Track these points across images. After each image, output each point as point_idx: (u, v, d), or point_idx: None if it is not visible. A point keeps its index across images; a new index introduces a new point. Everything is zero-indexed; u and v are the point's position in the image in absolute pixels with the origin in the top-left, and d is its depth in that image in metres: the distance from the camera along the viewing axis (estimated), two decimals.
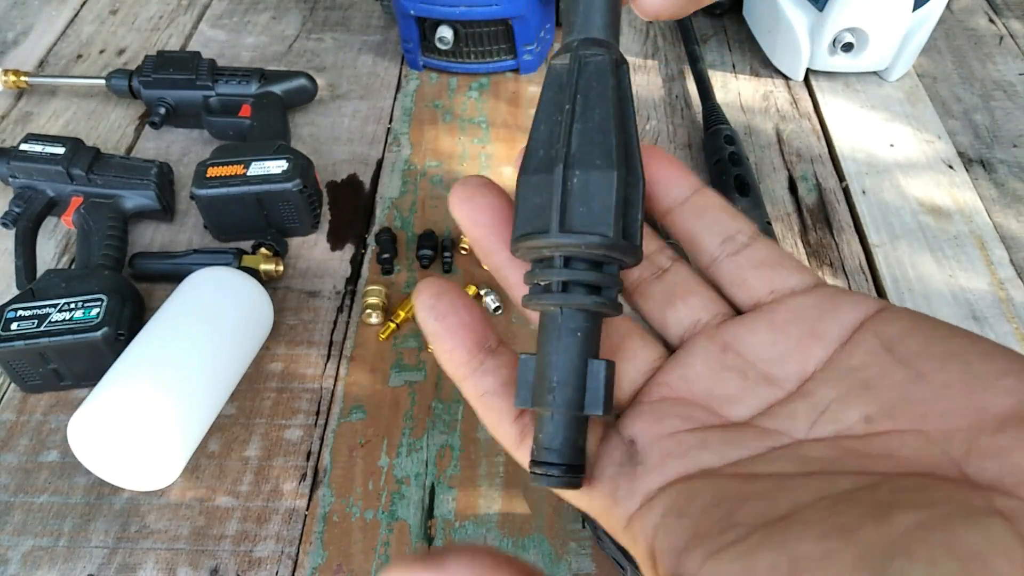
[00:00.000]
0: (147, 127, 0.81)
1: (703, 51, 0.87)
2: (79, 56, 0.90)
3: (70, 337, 0.56)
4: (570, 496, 0.23)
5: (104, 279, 0.61)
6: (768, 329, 0.22)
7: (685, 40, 0.87)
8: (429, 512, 0.54)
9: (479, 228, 0.24)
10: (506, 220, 0.24)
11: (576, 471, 0.21)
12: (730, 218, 0.25)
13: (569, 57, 0.22)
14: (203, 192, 0.66)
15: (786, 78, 0.85)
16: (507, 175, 0.75)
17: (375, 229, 0.71)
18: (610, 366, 0.22)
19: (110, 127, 0.81)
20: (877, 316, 0.21)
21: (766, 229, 0.67)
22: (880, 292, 0.65)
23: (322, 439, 0.57)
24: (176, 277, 0.62)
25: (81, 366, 0.58)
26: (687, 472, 0.20)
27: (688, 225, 0.25)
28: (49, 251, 0.70)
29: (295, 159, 0.67)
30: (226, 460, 0.56)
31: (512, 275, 0.24)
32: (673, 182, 0.25)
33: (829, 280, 0.66)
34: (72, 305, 0.57)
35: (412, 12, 0.79)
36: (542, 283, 0.22)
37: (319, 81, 0.82)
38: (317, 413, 0.59)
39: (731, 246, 0.24)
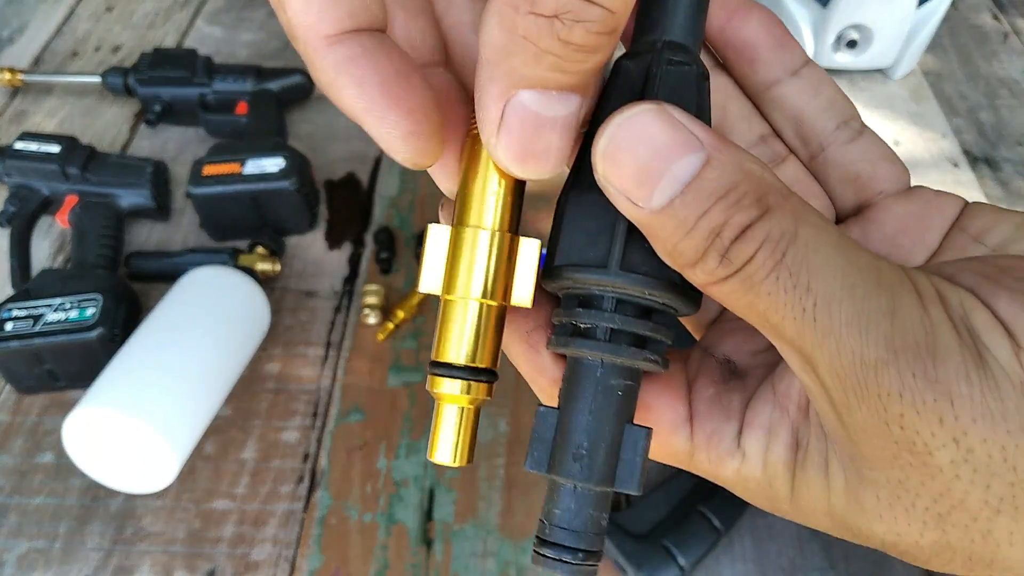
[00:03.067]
0: (143, 125, 0.80)
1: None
2: (74, 54, 0.90)
3: (65, 337, 0.55)
4: (669, 441, 0.20)
5: (99, 279, 0.60)
6: (881, 240, 0.21)
7: None
8: (428, 514, 0.53)
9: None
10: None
11: (594, 558, 0.18)
12: (844, 99, 0.22)
13: (649, 60, 0.18)
14: (199, 191, 0.65)
15: None
16: None
17: (373, 228, 0.71)
18: (649, 434, 0.19)
19: (105, 125, 0.80)
20: (965, 212, 0.20)
21: None
22: None
23: (319, 441, 0.57)
24: (172, 276, 0.61)
25: (76, 367, 0.57)
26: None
27: (799, 102, 0.21)
28: (44, 250, 0.69)
29: (292, 157, 0.67)
30: (222, 462, 0.56)
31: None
32: (782, 48, 0.21)
33: None
34: (67, 305, 0.57)
35: None
36: (582, 326, 0.19)
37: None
38: (315, 415, 0.58)
39: (846, 133, 0.21)
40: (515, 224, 0.19)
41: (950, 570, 0.17)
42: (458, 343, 0.19)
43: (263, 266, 0.65)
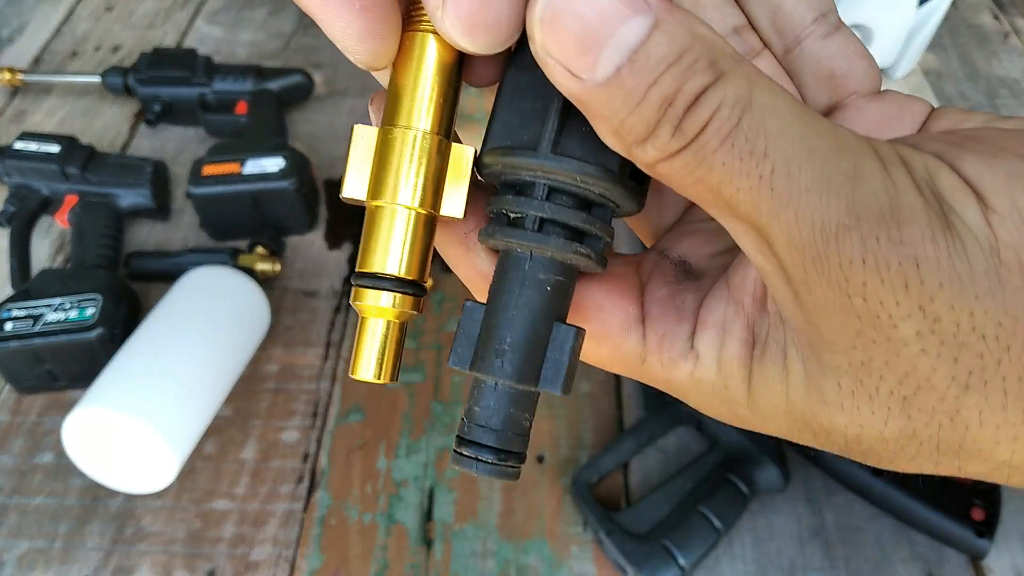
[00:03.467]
0: (143, 125, 0.80)
1: None
2: (74, 53, 0.90)
3: (65, 337, 0.55)
4: (620, 344, 0.19)
5: (99, 278, 0.60)
6: None
7: None
8: (428, 515, 0.53)
9: None
10: None
11: (516, 459, 0.18)
12: None
13: None
14: (199, 191, 0.65)
15: None
16: None
17: None
18: (579, 334, 0.18)
19: (105, 125, 0.80)
20: (932, 115, 0.20)
21: None
22: None
23: (319, 441, 0.57)
24: (172, 276, 0.61)
25: (76, 367, 0.57)
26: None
27: None
28: (44, 250, 0.69)
29: (292, 157, 0.66)
30: (222, 462, 0.56)
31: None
32: None
33: None
34: (67, 305, 0.57)
35: None
36: (512, 214, 0.18)
37: (316, 78, 0.81)
38: (314, 415, 0.58)
39: (823, 27, 0.20)
40: (448, 128, 0.18)
41: (915, 467, 0.17)
42: (384, 252, 0.18)
43: (263, 266, 0.64)
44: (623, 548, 0.48)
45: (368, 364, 0.18)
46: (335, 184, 0.74)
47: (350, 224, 0.71)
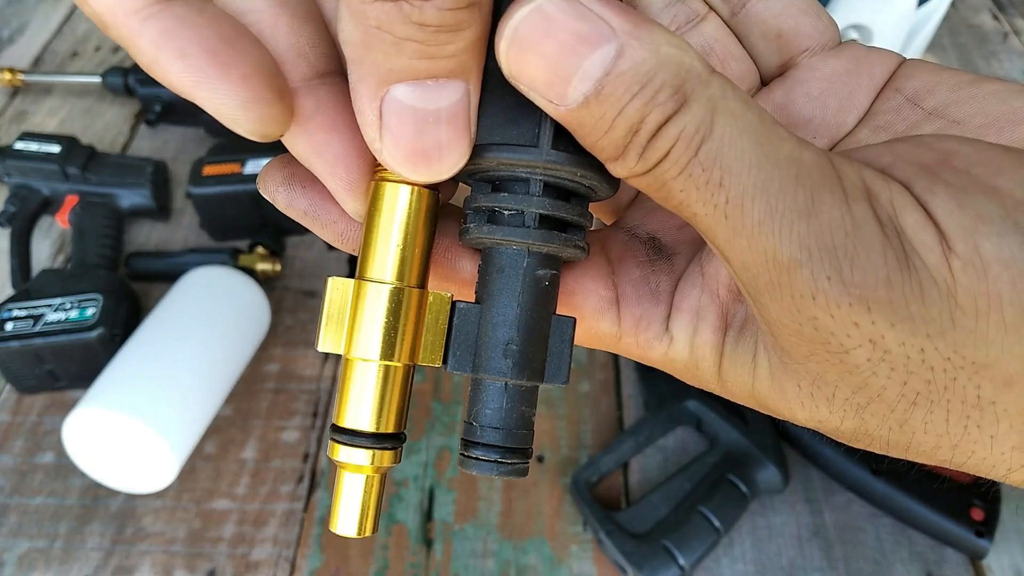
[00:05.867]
0: (143, 125, 0.80)
1: None
2: (74, 54, 0.90)
3: (65, 337, 0.55)
4: (595, 326, 0.19)
5: (100, 278, 0.60)
6: (805, 101, 0.20)
7: None
8: (428, 515, 0.53)
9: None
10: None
11: (525, 455, 0.18)
12: None
13: None
14: (199, 191, 0.65)
15: None
16: None
17: None
18: (574, 324, 0.18)
19: (105, 125, 0.80)
20: (900, 71, 0.19)
21: None
22: None
23: (319, 441, 0.57)
24: (172, 276, 0.61)
25: (76, 366, 0.57)
26: None
27: None
28: (44, 250, 0.69)
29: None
30: (223, 462, 0.56)
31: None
32: None
33: None
34: (67, 305, 0.57)
35: None
36: (507, 212, 0.17)
37: None
38: (315, 415, 0.58)
39: None
40: (425, 276, 0.18)
41: (870, 449, 0.17)
42: (361, 408, 0.17)
43: (263, 266, 0.65)
44: (623, 548, 0.48)
45: (349, 520, 0.17)
46: None
47: None
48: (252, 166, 0.66)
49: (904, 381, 0.15)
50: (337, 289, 0.17)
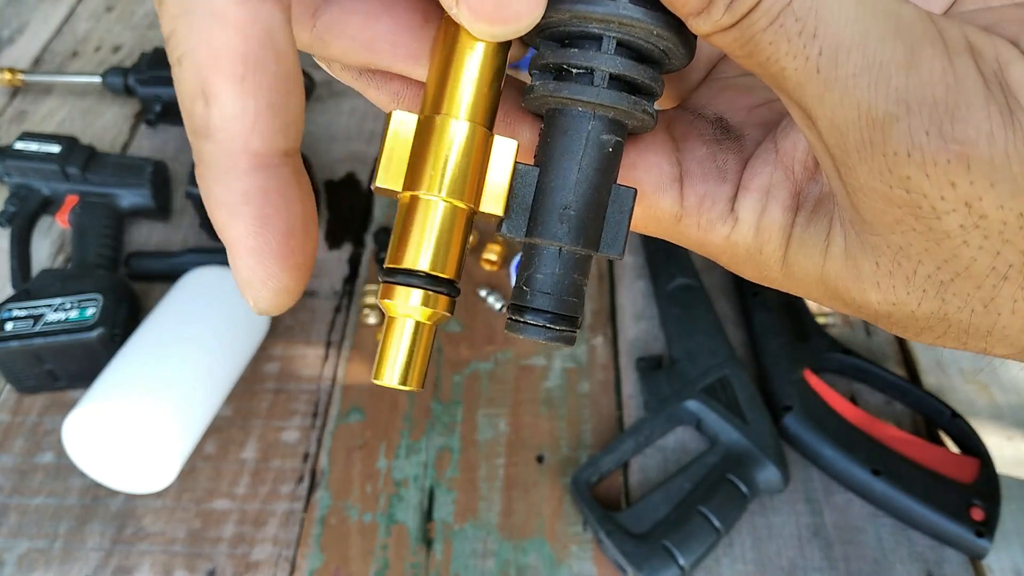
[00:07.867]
0: (143, 125, 0.80)
1: None
2: (74, 54, 0.90)
3: (65, 337, 0.55)
4: (656, 203, 0.18)
5: (100, 279, 0.60)
6: None
7: None
8: (428, 515, 0.53)
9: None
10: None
11: (574, 324, 0.17)
12: None
13: None
14: (199, 191, 0.65)
15: None
16: None
17: (373, 228, 0.71)
18: (635, 195, 0.17)
19: (105, 125, 0.80)
20: None
21: None
22: None
23: (320, 441, 0.57)
24: (172, 276, 0.61)
25: (76, 366, 0.57)
26: None
27: None
28: (44, 250, 0.69)
29: None
30: (223, 462, 0.56)
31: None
32: None
33: None
34: (67, 305, 0.57)
35: None
36: (576, 70, 0.16)
37: (316, 78, 0.81)
38: (315, 415, 0.58)
39: None
40: (491, 120, 0.17)
41: (941, 344, 0.16)
42: (419, 247, 0.16)
43: None
44: (623, 548, 0.48)
45: (393, 368, 0.16)
46: (335, 185, 0.74)
47: (350, 224, 0.71)
48: None
49: (997, 251, 0.14)
50: (402, 123, 0.16)
